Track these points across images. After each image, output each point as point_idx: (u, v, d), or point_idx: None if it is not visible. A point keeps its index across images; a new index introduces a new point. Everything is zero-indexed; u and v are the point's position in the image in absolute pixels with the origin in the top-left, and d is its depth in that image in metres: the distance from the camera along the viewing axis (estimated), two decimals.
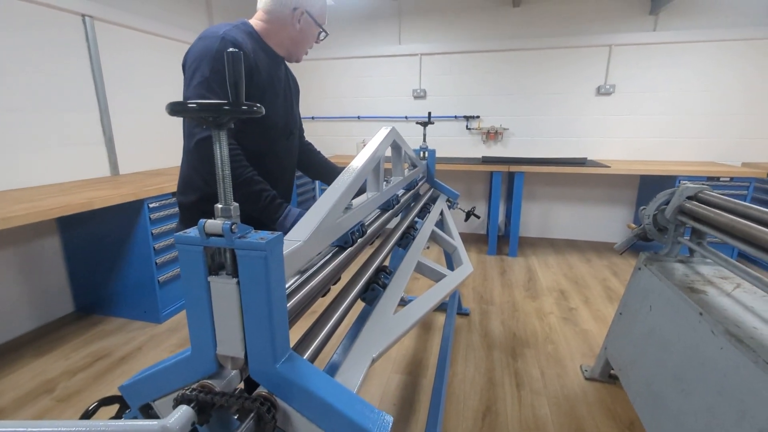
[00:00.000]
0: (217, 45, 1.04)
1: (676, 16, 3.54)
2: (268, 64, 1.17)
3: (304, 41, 1.24)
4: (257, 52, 1.14)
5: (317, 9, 1.20)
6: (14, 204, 1.85)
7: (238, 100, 0.47)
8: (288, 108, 1.28)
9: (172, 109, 0.47)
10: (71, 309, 2.64)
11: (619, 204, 4.05)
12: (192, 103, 0.46)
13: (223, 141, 0.50)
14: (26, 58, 2.29)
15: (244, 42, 1.09)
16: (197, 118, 0.47)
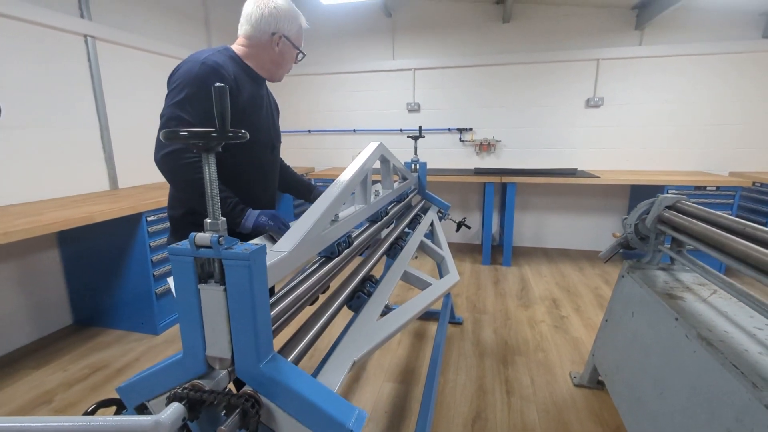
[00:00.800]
0: (196, 69, 1.12)
1: (660, 31, 3.66)
2: (250, 85, 1.25)
3: (284, 63, 1.32)
4: (239, 74, 1.21)
5: (294, 32, 1.28)
6: (16, 218, 1.90)
7: (225, 128, 0.54)
8: (270, 124, 1.37)
9: (166, 137, 0.53)
10: (70, 321, 2.67)
11: (611, 213, 4.12)
12: (184, 131, 0.52)
13: (211, 163, 0.56)
14: (30, 78, 2.37)
15: (226, 65, 1.17)
16: (189, 144, 0.53)
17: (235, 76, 1.19)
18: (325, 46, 4.45)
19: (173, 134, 0.52)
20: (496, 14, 3.97)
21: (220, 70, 1.14)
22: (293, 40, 1.28)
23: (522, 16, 3.91)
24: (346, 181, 1.10)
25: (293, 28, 1.27)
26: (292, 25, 1.26)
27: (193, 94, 1.10)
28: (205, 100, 1.10)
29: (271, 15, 1.23)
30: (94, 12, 2.72)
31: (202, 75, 1.11)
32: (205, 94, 1.10)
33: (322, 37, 4.42)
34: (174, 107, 1.11)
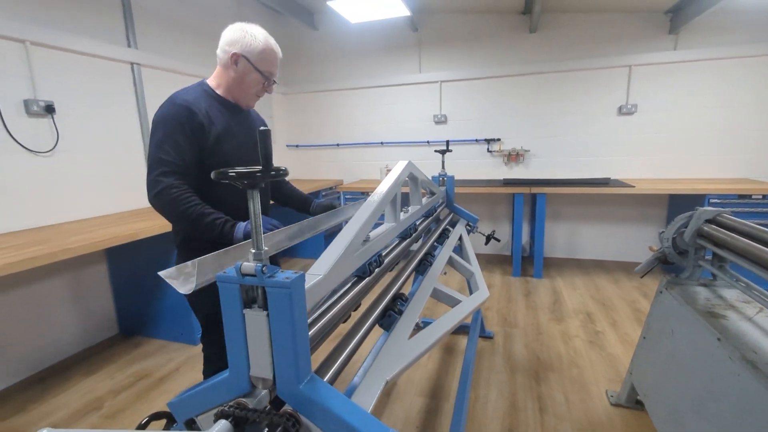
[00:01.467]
0: (167, 109, 1.24)
1: (696, 34, 3.53)
2: (224, 114, 1.34)
3: (245, 85, 1.35)
4: (212, 106, 1.31)
5: (255, 54, 1.31)
6: (70, 236, 2.06)
7: (269, 167, 0.59)
8: (253, 146, 1.42)
9: (216, 177, 0.59)
10: (116, 331, 2.84)
11: (649, 223, 3.96)
12: (232, 172, 0.57)
13: (256, 198, 0.61)
14: (84, 105, 2.57)
15: (197, 101, 1.27)
16: (236, 182, 0.58)
17: (207, 110, 1.28)
18: (353, 61, 4.56)
19: (222, 174, 0.58)
20: (523, 25, 3.95)
21: (190, 107, 1.24)
22: (254, 61, 1.31)
23: (549, 25, 3.88)
24: (376, 202, 1.13)
25: (254, 49, 1.30)
26: (253, 46, 1.30)
27: (167, 133, 1.21)
28: (179, 136, 1.21)
29: (232, 35, 1.30)
30: (139, 41, 2.93)
31: (173, 114, 1.23)
32: (179, 131, 1.21)
33: (350, 53, 4.54)
34: (155, 149, 1.22)
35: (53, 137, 2.40)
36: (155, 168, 1.21)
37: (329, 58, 4.64)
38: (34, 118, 2.30)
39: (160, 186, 1.19)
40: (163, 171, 1.20)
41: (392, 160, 4.60)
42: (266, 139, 0.59)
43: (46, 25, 2.34)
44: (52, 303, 2.44)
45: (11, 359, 2.23)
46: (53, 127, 2.39)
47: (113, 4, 2.76)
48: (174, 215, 1.23)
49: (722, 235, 1.50)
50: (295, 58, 4.72)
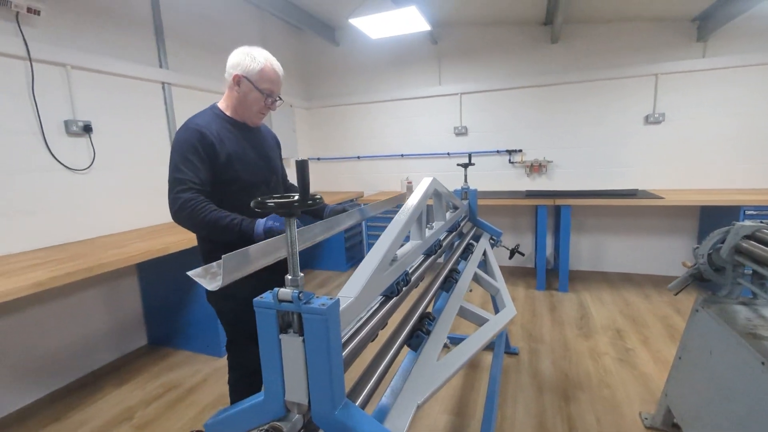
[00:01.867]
0: (182, 134, 1.35)
1: (726, 41, 3.43)
2: (234, 136, 1.42)
3: (247, 104, 1.43)
4: (222, 128, 1.40)
5: (255, 73, 1.39)
6: (105, 250, 2.14)
7: (306, 196, 0.60)
8: (262, 163, 1.50)
9: (255, 205, 0.60)
10: (144, 342, 2.92)
11: (679, 235, 3.83)
12: (271, 202, 0.59)
13: (293, 226, 0.63)
14: (118, 123, 2.69)
15: (207, 124, 1.37)
16: (275, 212, 0.60)
17: (218, 132, 1.37)
18: (373, 75, 4.62)
19: (262, 204, 0.60)
20: (544, 35, 3.93)
21: (201, 130, 1.34)
22: (254, 80, 1.39)
23: (571, 35, 3.84)
24: (403, 221, 1.14)
25: (254, 69, 1.38)
26: (251, 66, 1.38)
27: (182, 155, 1.32)
28: (193, 157, 1.31)
29: (235, 58, 1.40)
30: (170, 62, 3.05)
31: (187, 137, 1.33)
32: (193, 152, 1.31)
33: (370, 67, 4.61)
34: (172, 171, 1.33)
35: (90, 155, 2.51)
36: (174, 187, 1.31)
37: (350, 72, 4.72)
38: (73, 137, 2.42)
39: (179, 202, 1.29)
40: (181, 189, 1.29)
41: (412, 172, 4.61)
42: (304, 170, 0.61)
43: (85, 50, 2.47)
44: (86, 314, 2.53)
45: (47, 369, 2.32)
46: (90, 145, 2.51)
47: (146, 27, 2.89)
48: (196, 225, 1.31)
49: (763, 252, 1.44)
50: (317, 73, 4.82)
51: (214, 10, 3.51)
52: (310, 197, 0.61)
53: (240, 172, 1.40)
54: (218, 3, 3.55)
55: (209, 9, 3.45)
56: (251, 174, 1.44)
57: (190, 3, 3.25)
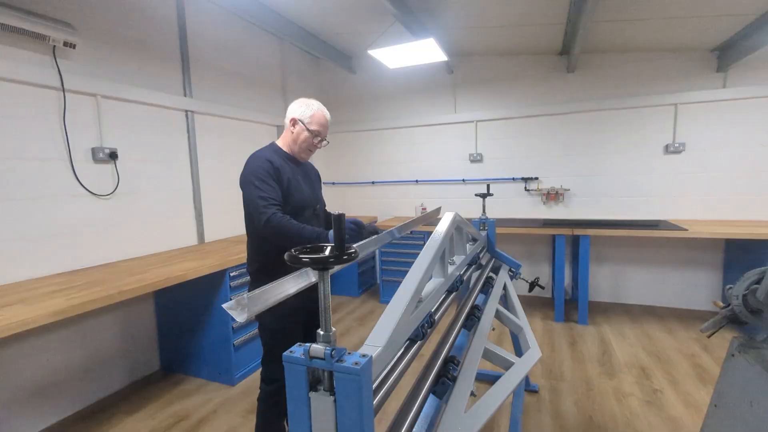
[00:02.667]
0: (254, 163, 1.61)
1: (747, 72, 3.41)
2: (290, 167, 1.70)
3: (299, 141, 1.70)
4: (282, 160, 1.67)
5: (307, 117, 1.67)
6: (125, 276, 2.16)
7: (342, 252, 0.59)
8: (309, 193, 1.76)
9: (289, 260, 0.59)
10: (157, 367, 2.89)
11: (703, 267, 3.71)
12: (305, 257, 0.58)
13: (326, 280, 0.61)
14: (142, 150, 2.76)
15: (272, 157, 1.64)
16: (309, 266, 0.58)
17: (279, 163, 1.64)
18: (389, 102, 4.70)
19: (295, 259, 0.59)
20: (560, 65, 3.96)
21: (269, 159, 1.61)
22: (306, 123, 1.67)
23: (588, 65, 3.86)
24: (428, 261, 1.12)
25: (306, 114, 1.68)
26: (305, 111, 1.68)
27: (260, 179, 1.56)
28: (268, 179, 1.58)
29: (294, 106, 1.71)
30: (195, 90, 3.15)
31: (259, 165, 1.60)
32: (267, 176, 1.57)
33: (386, 94, 4.69)
34: (255, 192, 1.55)
35: (114, 181, 2.57)
36: (259, 204, 1.52)
37: (366, 99, 4.81)
38: (100, 164, 2.49)
39: (266, 216, 1.50)
40: (265, 205, 1.52)
41: (427, 198, 4.60)
42: (340, 224, 0.60)
43: (115, 80, 2.57)
44: (99, 338, 2.52)
45: (60, 395, 2.30)
46: (115, 171, 2.57)
47: (174, 56, 3.00)
48: (282, 235, 1.52)
49: None
50: (334, 99, 4.92)
51: (237, 39, 3.63)
52: (345, 252, 0.60)
53: (295, 196, 1.66)
54: (241, 33, 3.68)
55: (232, 38, 3.57)
56: (302, 199, 1.70)
57: (215, 33, 3.38)
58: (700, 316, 3.61)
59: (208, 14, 3.30)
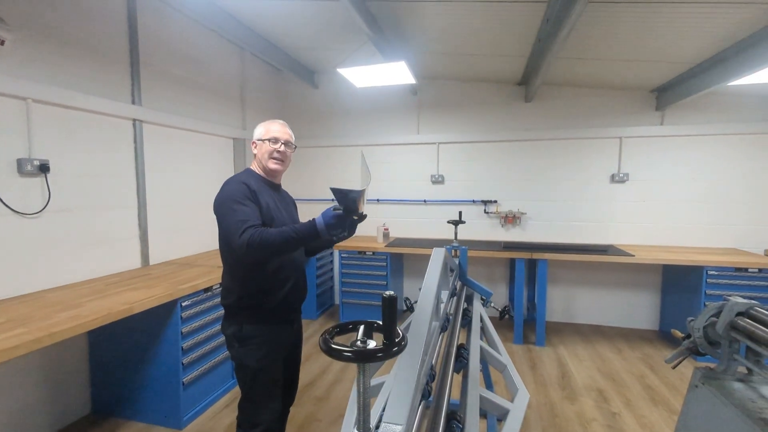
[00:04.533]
0: (230, 187, 1.54)
1: (681, 112, 3.77)
2: (267, 191, 1.65)
3: (264, 156, 1.66)
4: (259, 184, 1.63)
5: (261, 134, 1.67)
6: (56, 311, 1.85)
7: (392, 341, 0.49)
8: (287, 216, 1.71)
9: (327, 351, 0.49)
10: (88, 411, 2.52)
11: (644, 289, 3.99)
12: (348, 351, 0.48)
13: (367, 374, 0.51)
14: (79, 161, 2.43)
15: (248, 181, 1.58)
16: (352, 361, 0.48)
17: (256, 185, 1.60)
18: (351, 120, 4.63)
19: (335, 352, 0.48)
20: (519, 94, 4.14)
21: (245, 182, 1.56)
22: (262, 137, 1.66)
23: (544, 96, 4.07)
24: (429, 313, 1.04)
25: (260, 132, 1.68)
26: (259, 130, 1.68)
27: (237, 202, 1.49)
28: (246, 201, 1.50)
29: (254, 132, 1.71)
30: (144, 98, 2.86)
31: (236, 188, 1.54)
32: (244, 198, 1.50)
33: (349, 111, 4.61)
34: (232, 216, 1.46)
35: (44, 197, 2.23)
36: (238, 229, 1.41)
37: (328, 115, 4.70)
38: (27, 177, 2.15)
39: (246, 241, 1.38)
40: (245, 228, 1.40)
41: (389, 218, 4.56)
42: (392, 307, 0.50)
43: (50, 83, 2.25)
44: (20, 382, 2.15)
45: None
46: (45, 186, 2.23)
47: (122, 61, 2.71)
48: (270, 253, 1.44)
49: (759, 331, 1.47)
50: (295, 113, 4.76)
51: (195, 46, 3.38)
52: (394, 343, 0.50)
53: (276, 219, 1.60)
54: (199, 40, 3.43)
55: (190, 45, 3.32)
56: (279, 223, 1.61)
57: (170, 37, 3.12)
58: (642, 335, 3.86)
59: (162, 16, 3.04)
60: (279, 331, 1.63)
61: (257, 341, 1.56)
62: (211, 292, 2.56)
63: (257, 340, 1.56)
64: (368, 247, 3.95)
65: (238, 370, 1.59)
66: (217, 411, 2.54)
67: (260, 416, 1.57)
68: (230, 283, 1.61)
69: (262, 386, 1.58)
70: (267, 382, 1.59)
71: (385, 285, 3.90)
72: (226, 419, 2.45)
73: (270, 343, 1.58)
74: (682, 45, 2.83)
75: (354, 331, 0.55)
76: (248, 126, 4.11)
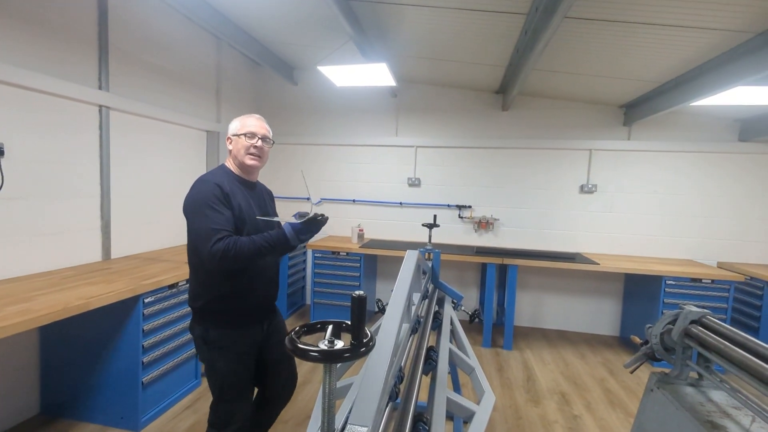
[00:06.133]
0: (202, 187, 1.50)
1: (647, 128, 3.95)
2: (241, 189, 1.61)
3: (240, 152, 1.61)
4: (232, 183, 1.58)
5: (237, 129, 1.63)
6: (5, 304, 1.73)
7: (360, 341, 0.48)
8: (262, 211, 1.68)
9: (293, 350, 0.47)
10: (36, 411, 2.37)
11: (607, 296, 4.15)
12: (314, 351, 0.47)
13: (333, 375, 0.50)
14: (38, 147, 2.30)
15: (220, 180, 1.54)
16: (319, 361, 0.47)
17: (230, 186, 1.55)
18: (329, 118, 4.59)
19: (301, 352, 0.47)
20: (496, 102, 4.23)
21: (218, 184, 1.50)
22: (238, 132, 1.62)
23: (520, 105, 4.17)
24: (400, 313, 1.04)
25: (235, 126, 1.63)
26: (235, 125, 1.64)
27: (209, 206, 1.44)
28: (218, 206, 1.46)
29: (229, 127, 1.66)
30: (112, 84, 2.74)
31: (208, 190, 1.48)
32: (216, 202, 1.46)
33: (327, 110, 4.58)
34: (204, 223, 1.42)
35: None
36: (210, 237, 1.39)
37: (306, 112, 4.65)
38: None
39: (220, 253, 1.37)
40: (218, 238, 1.39)
41: (364, 218, 4.54)
42: (361, 306, 0.49)
43: (7, 61, 2.11)
44: None
45: None
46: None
47: (89, 43, 2.58)
48: (241, 262, 1.43)
49: (709, 339, 1.55)
50: (272, 109, 4.68)
51: (169, 34, 3.27)
52: (362, 343, 0.49)
53: (248, 222, 1.56)
54: (174, 27, 3.32)
55: (164, 32, 3.21)
56: (251, 225, 1.58)
57: (143, 23, 3.00)
58: (604, 340, 4.01)
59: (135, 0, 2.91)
60: (247, 334, 1.60)
61: (224, 345, 1.55)
62: (176, 289, 2.47)
63: (224, 344, 1.55)
64: (342, 247, 3.92)
65: (208, 371, 1.58)
66: (178, 412, 2.45)
67: (232, 417, 1.58)
68: (196, 287, 1.58)
69: (231, 388, 1.58)
70: (236, 384, 1.58)
71: (357, 286, 3.88)
72: (186, 421, 2.37)
73: (237, 346, 1.57)
74: (651, 64, 2.97)
75: (322, 331, 0.54)
76: (223, 119, 4.00)
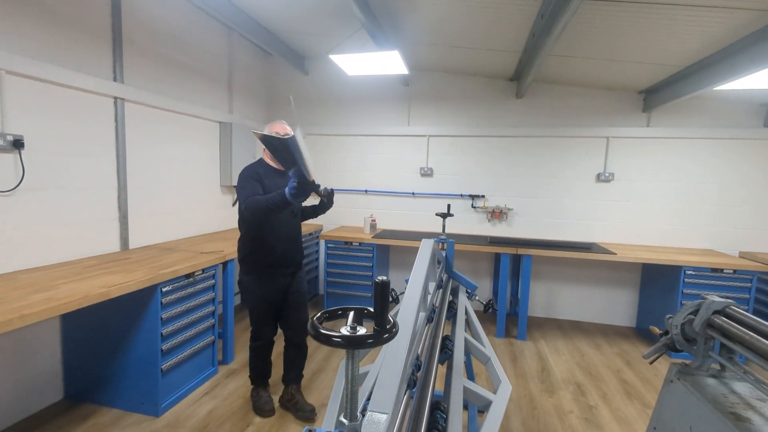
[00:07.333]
0: (246, 171, 2.21)
1: (667, 115, 3.83)
2: (272, 176, 2.24)
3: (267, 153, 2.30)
4: (265, 171, 2.23)
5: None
6: (28, 293, 1.78)
7: (383, 327, 0.48)
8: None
9: (315, 336, 0.47)
10: (60, 396, 2.45)
11: (623, 287, 4.08)
12: (337, 337, 0.46)
13: (356, 361, 0.49)
14: (57, 139, 2.34)
15: (258, 169, 2.21)
16: (342, 346, 0.47)
17: (264, 173, 2.21)
18: (341, 108, 4.57)
19: (323, 337, 0.46)
20: (510, 90, 4.14)
21: (255, 169, 2.20)
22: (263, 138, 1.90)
23: (535, 92, 4.08)
24: (417, 302, 1.03)
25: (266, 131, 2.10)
26: (265, 130, 2.06)
27: (247, 180, 2.14)
28: (252, 182, 2.13)
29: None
30: (127, 75, 2.76)
31: (249, 173, 2.19)
32: (251, 179, 2.14)
33: (340, 101, 4.55)
34: (242, 190, 2.11)
35: (17, 175, 2.13)
36: (244, 197, 2.06)
37: (317, 102, 4.63)
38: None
39: (246, 203, 2.03)
40: (248, 196, 2.04)
41: (376, 209, 4.54)
42: (384, 291, 0.48)
43: (26, 54, 2.14)
44: None
45: None
46: (19, 163, 2.13)
47: (104, 36, 2.60)
48: (257, 209, 1.98)
49: (734, 330, 1.51)
50: (285, 100, 4.67)
51: (181, 24, 3.27)
52: (387, 329, 0.48)
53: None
54: (186, 19, 3.32)
55: (176, 24, 3.21)
56: None
57: (155, 15, 3.01)
58: (620, 331, 3.96)
59: None
60: (269, 281, 2.25)
61: (250, 287, 2.26)
62: (192, 278, 2.51)
63: (250, 286, 2.26)
64: (355, 237, 3.93)
65: (243, 303, 2.27)
66: (196, 398, 2.51)
67: (261, 334, 2.34)
68: (241, 243, 2.30)
69: (258, 318, 2.32)
70: (261, 317, 2.32)
71: (370, 276, 3.89)
72: (205, 407, 2.42)
73: (261, 290, 2.26)
74: (672, 47, 2.86)
75: (343, 317, 0.53)
76: (235, 110, 4.01)
